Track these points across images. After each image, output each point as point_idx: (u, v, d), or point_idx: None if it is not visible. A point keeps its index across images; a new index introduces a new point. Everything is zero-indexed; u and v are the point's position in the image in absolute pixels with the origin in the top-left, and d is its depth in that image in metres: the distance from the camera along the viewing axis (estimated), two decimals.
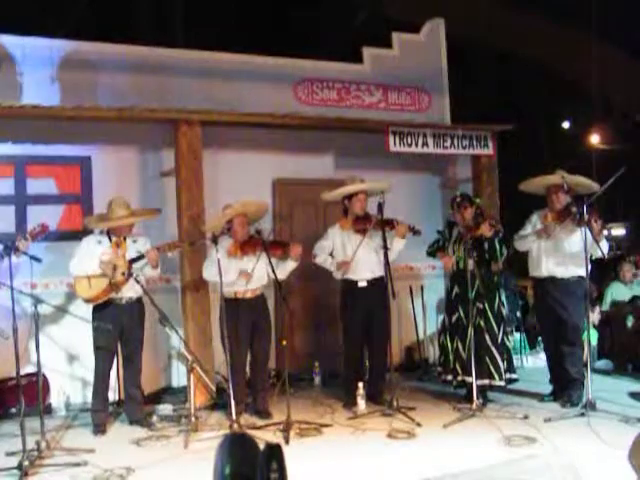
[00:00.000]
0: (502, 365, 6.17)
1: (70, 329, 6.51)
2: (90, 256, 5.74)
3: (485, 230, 6.16)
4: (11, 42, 6.80)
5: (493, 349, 6.16)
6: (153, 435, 5.63)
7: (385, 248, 6.06)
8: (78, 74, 6.95)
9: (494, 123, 8.03)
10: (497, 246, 6.21)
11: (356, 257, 6.30)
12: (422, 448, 5.10)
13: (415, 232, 6.28)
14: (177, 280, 6.91)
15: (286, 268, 6.11)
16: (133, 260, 5.77)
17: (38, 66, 6.84)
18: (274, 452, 2.76)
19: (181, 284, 6.79)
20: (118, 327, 5.75)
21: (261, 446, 2.82)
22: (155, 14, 10.15)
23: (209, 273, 6.03)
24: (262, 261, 5.99)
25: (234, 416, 5.48)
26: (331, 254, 6.47)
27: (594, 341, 7.69)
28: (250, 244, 6.04)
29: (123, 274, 5.69)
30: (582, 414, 5.59)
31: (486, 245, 6.22)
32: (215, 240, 5.73)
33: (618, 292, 8.04)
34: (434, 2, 9.46)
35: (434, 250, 6.55)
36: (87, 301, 5.77)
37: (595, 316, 7.87)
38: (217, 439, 5.08)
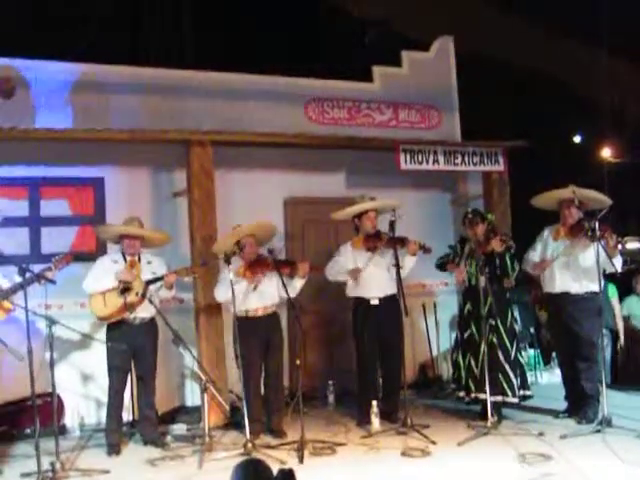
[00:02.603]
0: (515, 382, 6.13)
1: (84, 350, 6.56)
2: (105, 274, 5.79)
3: (496, 245, 6.13)
4: (24, 66, 6.90)
5: (506, 366, 6.12)
6: (167, 455, 5.62)
7: (397, 266, 6.05)
8: (91, 97, 7.04)
9: (505, 139, 8.03)
10: (509, 262, 6.18)
11: (368, 275, 6.31)
12: (437, 466, 5.06)
13: (425, 250, 6.27)
14: (191, 300, 6.93)
15: (296, 286, 6.13)
16: (150, 282, 5.80)
17: (51, 89, 6.93)
18: (287, 477, 2.76)
19: (194, 304, 6.81)
20: (132, 347, 5.77)
21: (275, 470, 2.81)
22: (166, 36, 10.26)
23: (219, 293, 6.07)
24: (271, 279, 6.01)
25: (248, 435, 5.47)
26: None
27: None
28: (258, 265, 6.06)
29: (137, 294, 5.72)
30: (598, 431, 5.54)
31: (497, 261, 6.20)
32: (228, 260, 5.76)
33: (634, 305, 7.99)
34: (443, 19, 9.50)
35: (444, 262, 6.52)
36: (101, 319, 5.81)
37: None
38: (231, 459, 5.13)
